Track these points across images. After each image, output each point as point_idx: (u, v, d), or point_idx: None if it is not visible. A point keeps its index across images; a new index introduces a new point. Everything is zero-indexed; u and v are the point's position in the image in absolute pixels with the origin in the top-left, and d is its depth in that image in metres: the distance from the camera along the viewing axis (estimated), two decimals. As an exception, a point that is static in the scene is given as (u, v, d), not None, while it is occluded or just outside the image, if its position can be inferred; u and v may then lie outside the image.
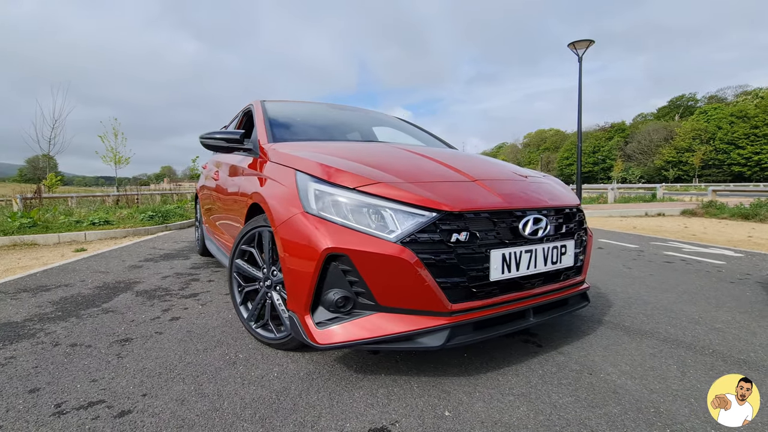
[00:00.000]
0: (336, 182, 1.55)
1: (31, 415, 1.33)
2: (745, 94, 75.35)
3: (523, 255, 1.58)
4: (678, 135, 69.60)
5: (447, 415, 1.33)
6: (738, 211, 8.93)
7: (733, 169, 61.59)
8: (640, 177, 76.17)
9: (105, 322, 2.25)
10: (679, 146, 68.31)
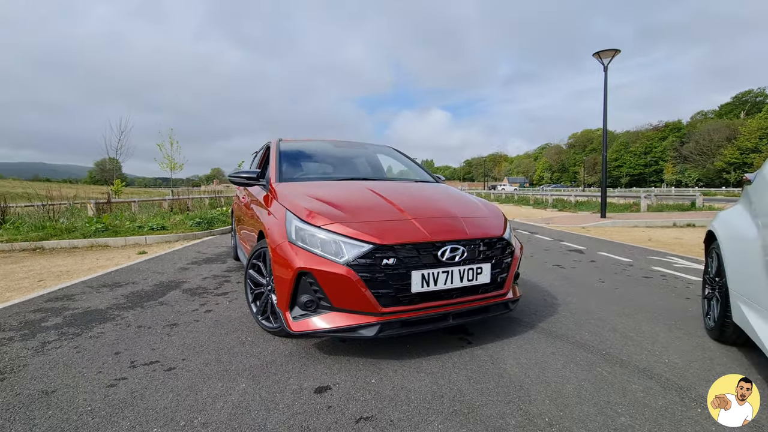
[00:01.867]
0: (310, 222, 2.26)
1: (117, 367, 2.14)
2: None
3: (440, 274, 2.20)
4: (743, 134, 64.10)
5: (372, 382, 1.99)
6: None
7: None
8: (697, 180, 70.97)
9: (160, 311, 3.11)
10: (743, 146, 62.96)
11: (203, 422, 1.64)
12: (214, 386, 1.94)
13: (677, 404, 1.77)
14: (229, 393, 1.87)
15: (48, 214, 9.66)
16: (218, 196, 26.10)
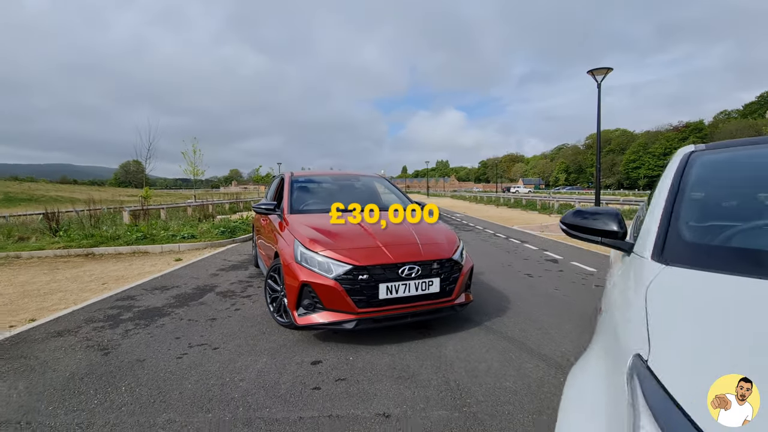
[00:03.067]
0: (310, 248, 3.24)
1: (180, 347, 3.16)
2: None
3: (400, 286, 3.15)
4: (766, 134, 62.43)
5: (350, 359, 2.95)
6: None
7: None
8: (719, 181, 69.33)
9: (202, 309, 4.15)
10: (766, 148, 61.39)
11: (240, 379, 2.63)
12: (245, 359, 2.93)
13: (551, 375, 2.67)
14: (256, 363, 2.86)
15: (90, 220, 10.99)
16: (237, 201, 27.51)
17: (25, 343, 3.25)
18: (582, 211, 1.71)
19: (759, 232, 1.33)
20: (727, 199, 1.54)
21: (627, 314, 1.08)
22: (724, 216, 1.45)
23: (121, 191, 64.48)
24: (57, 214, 10.25)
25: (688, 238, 1.28)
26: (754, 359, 0.79)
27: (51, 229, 9.83)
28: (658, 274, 1.13)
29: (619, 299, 1.29)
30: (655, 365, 0.80)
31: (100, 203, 17.77)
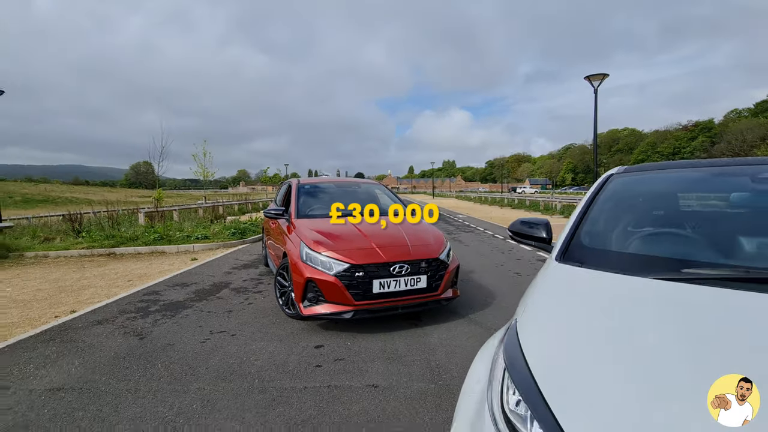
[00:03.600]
0: (314, 249, 3.74)
1: (202, 334, 3.68)
2: None
3: (391, 282, 3.64)
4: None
5: (348, 344, 3.44)
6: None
7: None
8: (728, 181, 68.68)
9: (219, 303, 4.67)
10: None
11: (255, 359, 3.14)
12: (259, 344, 3.44)
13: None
14: (268, 347, 3.37)
15: (109, 222, 11.64)
16: (246, 202, 28.19)
17: (71, 330, 3.80)
18: (525, 221, 2.19)
19: (642, 240, 1.79)
20: (625, 213, 2.00)
21: (525, 295, 1.56)
22: (619, 226, 1.91)
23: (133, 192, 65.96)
24: (80, 216, 10.90)
25: (584, 243, 1.75)
26: (591, 324, 1.21)
27: (74, 231, 10.49)
28: (550, 268, 1.60)
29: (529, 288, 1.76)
30: (520, 326, 1.28)
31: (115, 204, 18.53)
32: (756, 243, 1.57)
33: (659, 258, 1.56)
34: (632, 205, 2.04)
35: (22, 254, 8.64)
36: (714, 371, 0.92)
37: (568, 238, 1.80)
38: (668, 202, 2.01)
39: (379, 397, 2.57)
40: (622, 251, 1.70)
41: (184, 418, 2.31)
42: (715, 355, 0.97)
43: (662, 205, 2.06)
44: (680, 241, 1.71)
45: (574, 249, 1.72)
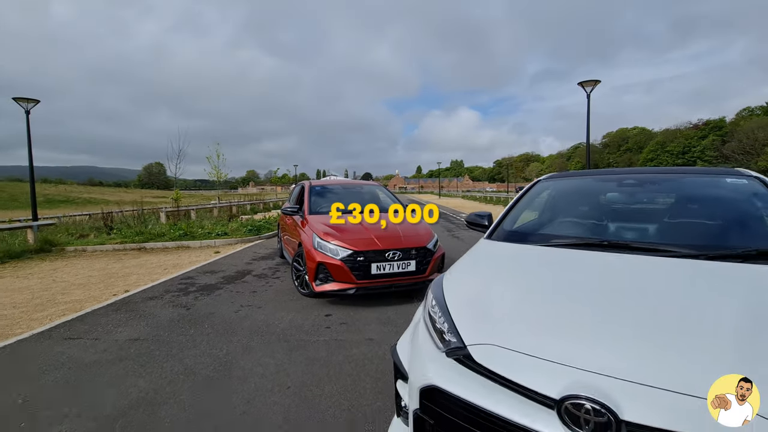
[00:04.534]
0: (324, 239, 4.64)
1: (234, 306, 4.60)
2: None
3: (386, 265, 4.51)
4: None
5: (351, 313, 4.32)
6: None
7: None
8: (739, 180, 68.23)
9: (245, 286, 5.59)
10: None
11: (278, 323, 4.03)
12: (281, 313, 4.33)
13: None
14: (287, 315, 4.27)
15: (134, 220, 12.71)
16: (259, 202, 29.29)
17: (131, 304, 4.75)
18: (476, 214, 3.03)
19: (544, 223, 2.63)
20: (537, 205, 2.84)
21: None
22: (530, 214, 2.75)
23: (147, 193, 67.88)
24: (111, 215, 11.96)
25: (504, 225, 2.60)
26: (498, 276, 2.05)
27: (106, 228, 11.55)
28: (479, 243, 2.46)
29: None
30: (446, 277, 2.13)
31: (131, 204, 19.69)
32: (613, 225, 2.40)
33: (543, 233, 2.41)
34: (542, 200, 2.88)
35: (63, 248, 9.69)
36: (569, 291, 1.61)
37: (496, 223, 2.65)
38: (566, 198, 2.85)
39: (373, 345, 3.44)
40: (524, 231, 2.54)
41: (232, 356, 3.21)
42: (569, 284, 1.70)
43: (561, 200, 2.89)
44: (566, 223, 2.55)
45: (498, 230, 2.57)
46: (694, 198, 2.40)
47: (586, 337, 1.32)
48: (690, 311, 1.36)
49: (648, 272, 1.68)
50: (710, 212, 2.21)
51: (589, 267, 1.84)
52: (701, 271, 1.64)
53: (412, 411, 1.55)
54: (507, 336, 1.42)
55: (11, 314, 4.50)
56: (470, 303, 1.71)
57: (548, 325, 1.43)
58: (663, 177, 2.67)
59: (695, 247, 1.86)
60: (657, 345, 1.22)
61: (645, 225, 2.31)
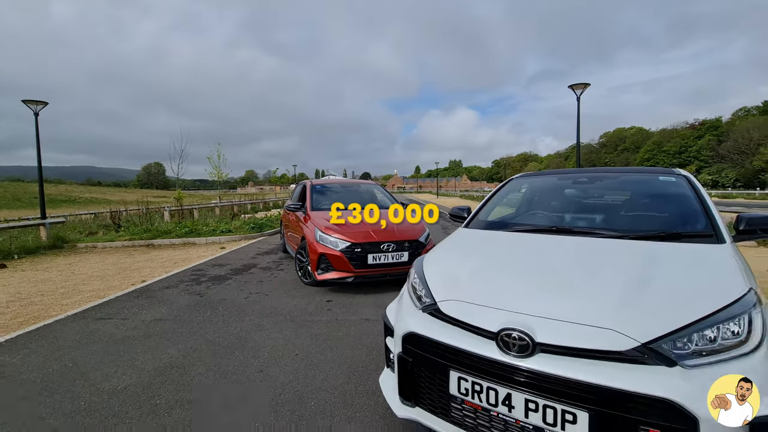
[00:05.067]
0: (325, 232, 5.12)
1: (243, 294, 5.07)
2: None
3: (381, 256, 4.99)
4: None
5: (350, 299, 4.80)
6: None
7: None
8: (735, 180, 69.01)
9: (251, 276, 6.07)
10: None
11: (284, 306, 4.50)
12: (287, 299, 4.81)
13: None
14: (293, 300, 4.74)
15: (140, 219, 13.17)
16: (259, 201, 29.74)
17: (149, 292, 5.22)
18: (458, 207, 3.51)
19: (512, 215, 3.11)
20: (507, 202, 3.32)
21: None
22: (503, 206, 3.23)
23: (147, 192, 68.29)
24: (119, 213, 12.42)
25: (479, 216, 3.08)
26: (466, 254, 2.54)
27: (115, 226, 12.01)
28: (457, 230, 2.94)
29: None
30: (426, 257, 2.61)
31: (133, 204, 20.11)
32: (568, 215, 2.89)
33: (508, 222, 2.91)
34: (513, 196, 3.37)
35: (74, 245, 10.14)
36: (516, 262, 2.13)
37: (473, 215, 3.14)
38: (532, 193, 3.35)
39: (369, 324, 3.92)
40: (494, 220, 3.02)
41: (246, 332, 3.69)
42: (517, 258, 2.22)
43: (528, 194, 3.38)
44: (528, 213, 3.04)
45: (474, 220, 3.06)
46: (628, 192, 2.90)
47: (519, 291, 1.82)
48: (598, 274, 1.85)
49: (580, 249, 2.17)
50: (640, 204, 2.71)
51: (536, 246, 2.33)
52: (620, 247, 2.13)
53: (396, 354, 2.03)
54: (466, 294, 1.90)
55: (42, 301, 4.97)
56: (442, 273, 2.20)
57: (495, 285, 1.92)
58: (611, 176, 3.16)
59: (623, 230, 2.35)
60: (564, 295, 1.71)
61: (591, 214, 2.80)
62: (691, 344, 1.42)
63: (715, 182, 72.38)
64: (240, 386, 2.68)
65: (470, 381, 1.67)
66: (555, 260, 2.08)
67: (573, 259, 2.06)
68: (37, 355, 3.23)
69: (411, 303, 2.15)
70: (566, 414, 1.45)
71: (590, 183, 3.12)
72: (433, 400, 1.85)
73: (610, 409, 1.37)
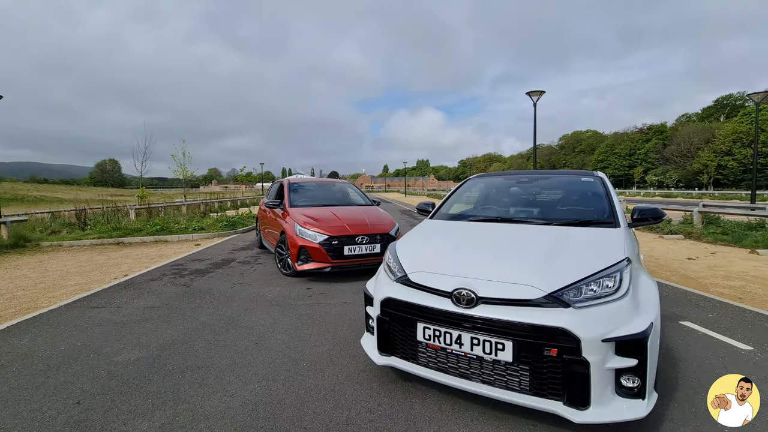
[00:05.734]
0: (304, 226, 5.59)
1: (227, 284, 5.45)
2: (794, 94, 71.64)
3: (356, 248, 5.53)
4: (718, 138, 67.73)
5: (328, 287, 5.30)
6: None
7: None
8: (677, 181, 74.85)
9: (232, 269, 6.41)
10: (718, 149, 66.64)
11: (267, 294, 4.94)
12: (269, 288, 5.24)
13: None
14: (275, 289, 5.18)
15: (103, 217, 12.95)
16: (226, 200, 29.33)
17: (135, 284, 5.47)
18: (424, 203, 4.10)
19: (468, 209, 3.75)
20: (464, 196, 3.96)
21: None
22: (461, 202, 3.87)
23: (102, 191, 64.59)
24: (84, 211, 12.17)
25: (441, 210, 3.70)
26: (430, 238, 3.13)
27: (80, 224, 11.77)
28: (423, 221, 3.54)
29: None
30: (398, 241, 3.19)
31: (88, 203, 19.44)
32: (512, 209, 3.56)
33: (463, 214, 3.55)
34: (469, 194, 4.02)
35: (38, 244, 9.94)
36: (467, 243, 2.77)
37: (436, 209, 3.75)
38: (483, 191, 4.01)
39: (348, 306, 4.44)
40: (452, 212, 3.64)
41: (237, 315, 4.11)
42: (469, 239, 2.87)
43: (480, 192, 4.05)
44: (479, 207, 3.69)
45: (436, 214, 3.67)
46: (558, 190, 3.62)
47: (468, 263, 2.43)
48: (525, 249, 2.50)
49: (516, 233, 2.83)
50: (565, 199, 3.43)
51: (483, 231, 2.99)
52: (544, 230, 2.79)
53: (376, 317, 2.58)
54: (429, 267, 2.49)
55: (25, 295, 5.11)
56: (411, 253, 2.78)
57: (451, 259, 2.53)
58: (545, 177, 3.88)
59: (550, 219, 3.03)
60: (499, 264, 2.35)
61: (527, 207, 3.49)
62: (580, 293, 2.07)
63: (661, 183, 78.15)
64: (240, 355, 3.14)
65: (432, 329, 2.25)
66: (495, 241, 2.72)
67: (509, 240, 2.70)
68: (43, 338, 3.51)
69: (386, 277, 2.71)
70: (498, 344, 2.06)
71: (529, 183, 3.82)
72: (405, 349, 2.43)
73: (526, 338, 1.99)
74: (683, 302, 4.51)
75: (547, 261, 2.29)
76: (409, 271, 2.53)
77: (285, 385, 2.65)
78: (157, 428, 2.18)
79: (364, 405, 2.42)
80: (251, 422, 2.24)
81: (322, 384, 2.68)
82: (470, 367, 2.17)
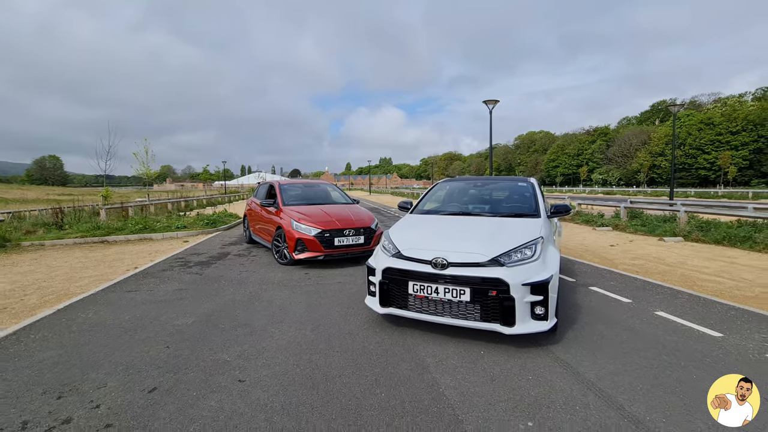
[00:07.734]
0: (299, 221, 6.63)
1: (234, 272, 6.36)
2: (715, 102, 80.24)
3: (344, 239, 6.64)
4: (652, 140, 74.55)
5: (323, 272, 6.36)
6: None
7: (700, 173, 66.72)
8: (619, 179, 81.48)
9: (232, 261, 7.29)
10: (653, 151, 73.37)
11: (273, 278, 5.93)
12: (272, 274, 6.22)
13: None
14: (277, 275, 6.17)
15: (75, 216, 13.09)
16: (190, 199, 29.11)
17: (151, 274, 6.24)
18: (405, 201, 5.29)
19: (438, 206, 4.99)
20: (436, 195, 5.21)
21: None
22: (432, 200, 5.10)
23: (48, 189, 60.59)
24: (62, 210, 12.29)
25: (418, 207, 4.91)
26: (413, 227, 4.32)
27: (57, 223, 11.90)
28: (406, 215, 4.74)
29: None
30: (389, 229, 4.36)
31: (35, 203, 18.98)
32: (470, 205, 4.83)
33: (436, 209, 4.79)
34: (440, 193, 5.27)
35: (18, 244, 10.14)
36: (441, 229, 4.01)
37: (414, 206, 4.95)
38: (449, 192, 5.28)
39: (342, 284, 5.54)
40: (428, 209, 4.86)
41: (256, 293, 5.10)
42: (442, 227, 4.09)
43: (446, 193, 5.31)
44: (449, 204, 4.96)
45: (415, 209, 4.87)
46: (502, 191, 4.96)
47: (441, 242, 3.65)
48: (477, 232, 3.76)
49: (472, 222, 4.10)
50: (507, 198, 4.76)
51: (450, 222, 4.25)
52: (491, 220, 4.08)
53: (378, 281, 3.73)
54: (414, 245, 3.68)
55: (50, 285, 5.76)
56: (401, 236, 3.96)
57: (429, 240, 3.75)
58: (494, 182, 5.20)
59: (495, 212, 4.33)
60: (461, 242, 3.60)
61: (481, 204, 4.78)
62: (510, 257, 3.33)
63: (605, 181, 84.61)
64: (272, 317, 4.18)
65: (418, 285, 3.44)
66: (458, 227, 3.98)
67: (467, 227, 3.97)
68: (104, 313, 4.34)
69: (384, 254, 3.87)
70: (461, 291, 3.28)
71: (482, 186, 5.13)
72: (399, 302, 3.60)
73: (478, 286, 3.23)
74: (596, 275, 6.02)
75: (491, 239, 3.55)
76: (401, 249, 3.71)
77: (314, 332, 3.74)
78: (236, 356, 3.21)
79: (373, 339, 3.57)
80: (298, 350, 3.33)
81: (340, 330, 3.80)
82: (443, 308, 3.38)
